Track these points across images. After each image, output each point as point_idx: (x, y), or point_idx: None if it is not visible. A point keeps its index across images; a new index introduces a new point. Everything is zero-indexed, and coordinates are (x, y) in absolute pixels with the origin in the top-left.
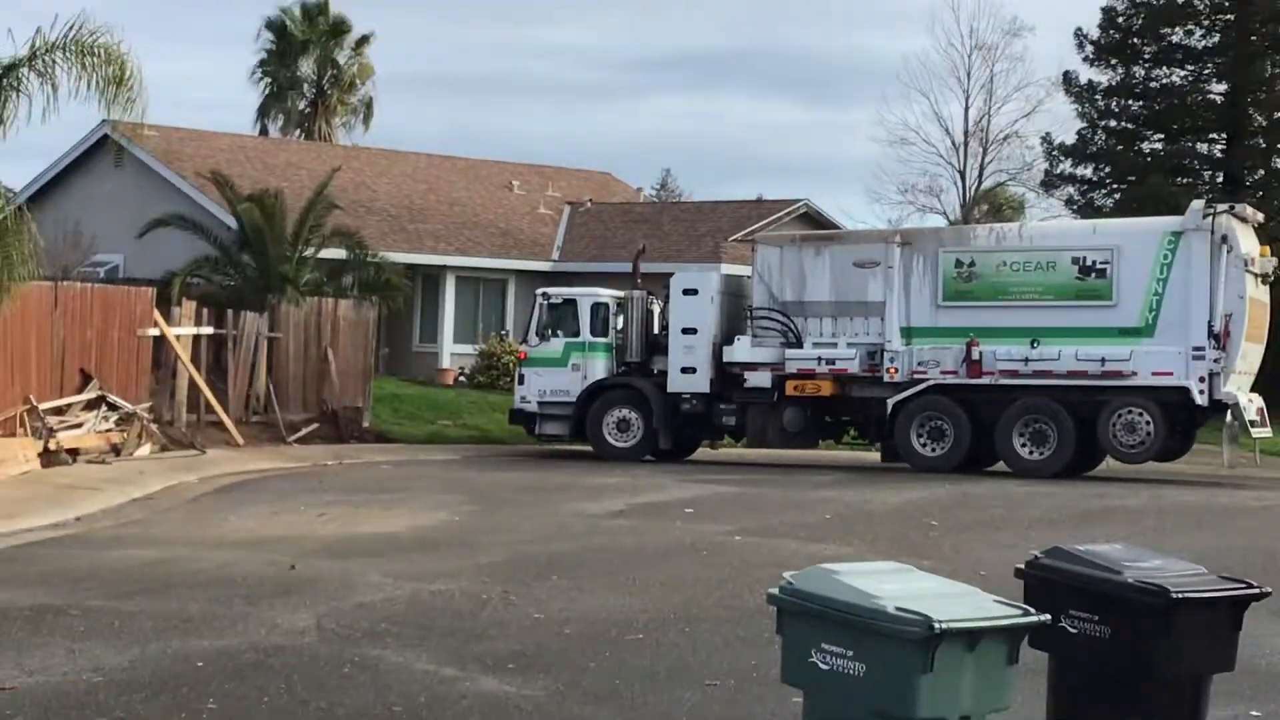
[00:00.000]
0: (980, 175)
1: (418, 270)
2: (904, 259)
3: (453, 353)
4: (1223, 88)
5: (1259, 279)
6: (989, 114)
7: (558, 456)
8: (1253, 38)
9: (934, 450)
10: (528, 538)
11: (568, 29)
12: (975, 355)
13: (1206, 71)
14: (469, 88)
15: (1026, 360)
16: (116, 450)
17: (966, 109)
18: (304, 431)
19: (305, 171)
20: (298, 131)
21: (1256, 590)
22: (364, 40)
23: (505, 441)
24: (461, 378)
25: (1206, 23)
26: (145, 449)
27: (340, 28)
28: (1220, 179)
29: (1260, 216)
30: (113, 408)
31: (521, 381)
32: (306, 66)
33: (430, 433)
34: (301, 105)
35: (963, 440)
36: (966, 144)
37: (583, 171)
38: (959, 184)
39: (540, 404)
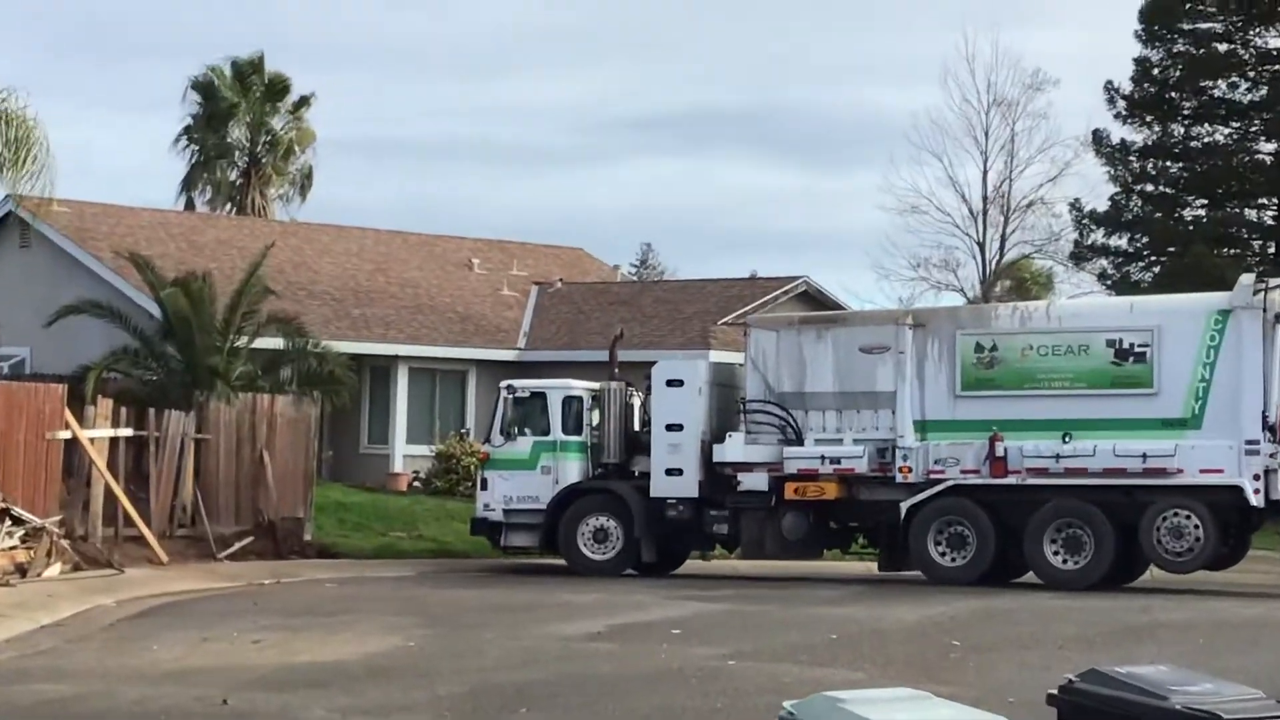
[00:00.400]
0: (1002, 247)
1: (365, 361)
2: (917, 343)
3: (406, 454)
4: (1272, 146)
5: None
6: (1010, 178)
7: (526, 571)
8: None
9: (954, 560)
10: (493, 665)
11: (535, 86)
12: (999, 451)
13: (1254, 129)
14: (423, 154)
15: (1058, 457)
16: (22, 571)
17: (985, 172)
18: (236, 546)
19: (237, 250)
20: (228, 205)
21: None
22: (303, 102)
23: (466, 555)
24: (416, 483)
25: (1252, 74)
26: (55, 568)
27: (276, 87)
28: (1272, 249)
29: None
30: (18, 522)
31: (484, 487)
32: (238, 132)
33: (380, 546)
34: (232, 175)
35: (986, 548)
36: (985, 212)
37: (552, 248)
38: (978, 257)
39: (506, 512)
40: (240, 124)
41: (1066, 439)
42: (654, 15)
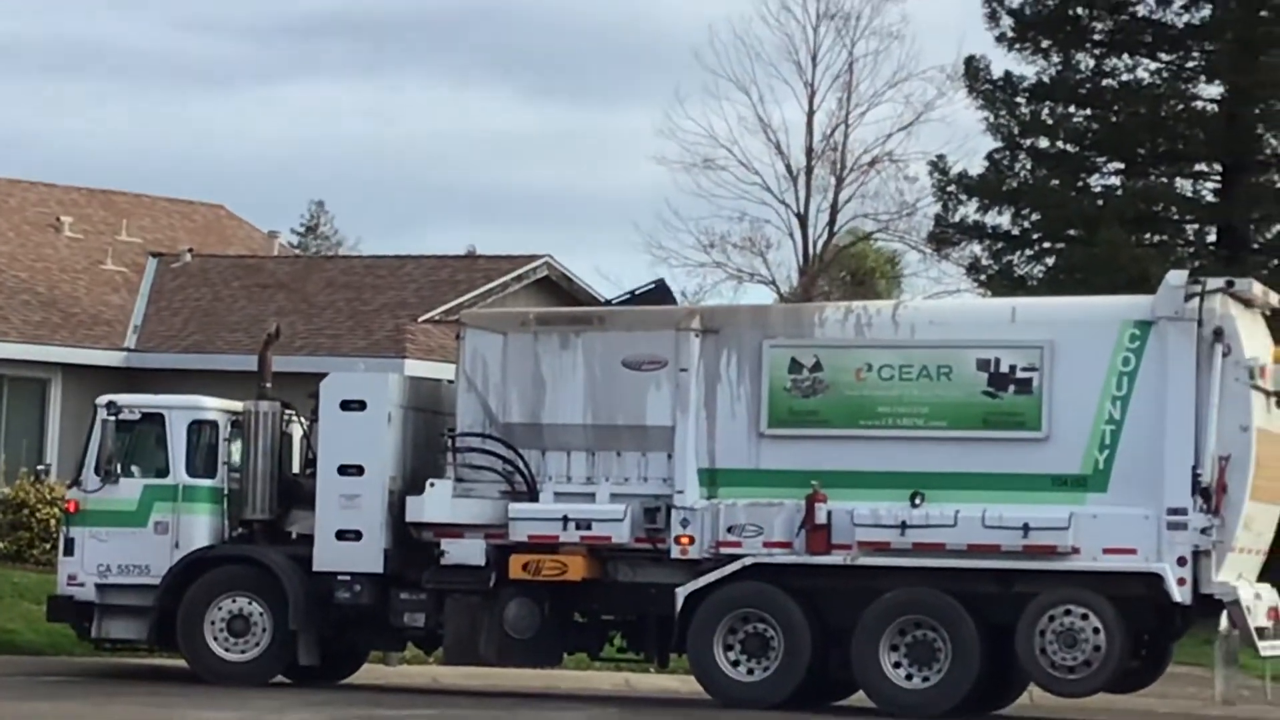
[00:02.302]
0: (832, 222)
1: None
2: (706, 356)
3: None
4: (1217, 91)
5: (1273, 400)
6: (846, 123)
7: (131, 677)
8: (1263, 12)
9: (752, 672)
10: None
11: None
12: (821, 516)
13: (1191, 63)
14: None
15: (904, 526)
16: None
17: (810, 114)
18: None
19: None
20: None
21: None
22: None
23: (41, 651)
24: None
25: None
26: None
27: None
28: (1213, 236)
29: (1275, 298)
30: None
31: (70, 550)
32: None
33: None
34: None
35: (799, 656)
36: (810, 170)
37: (180, 203)
38: (797, 235)
39: (101, 588)
40: None
41: (917, 501)
42: None
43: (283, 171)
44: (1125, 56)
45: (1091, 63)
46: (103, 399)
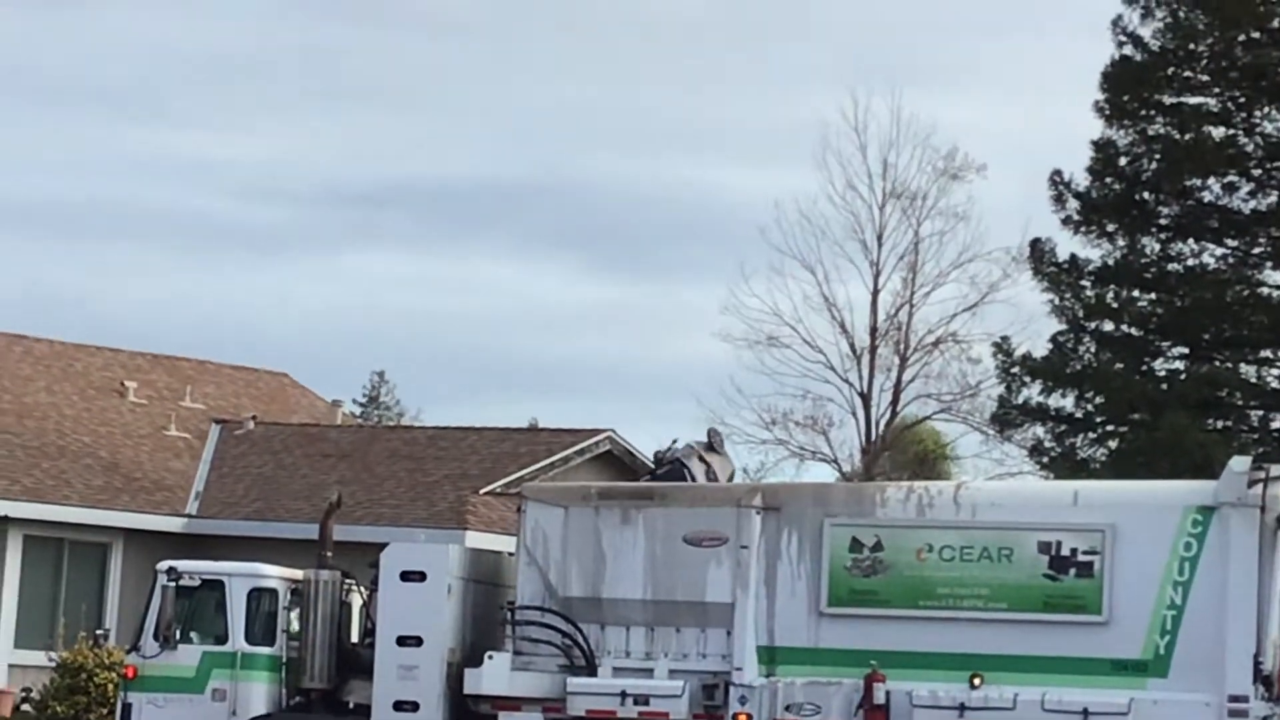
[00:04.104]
0: (895, 402)
1: None
2: (767, 534)
3: (12, 663)
4: None
5: None
6: (911, 303)
7: None
8: None
9: None
10: None
11: (214, 136)
12: (879, 697)
13: (1257, 249)
14: (51, 222)
15: (963, 708)
16: None
17: (875, 293)
18: None
19: None
20: None
21: None
22: None
23: None
24: (26, 704)
25: (1258, 171)
26: None
27: None
28: (1277, 422)
29: None
30: None
31: (127, 716)
32: None
33: None
34: None
35: None
36: (874, 350)
37: (244, 370)
38: (860, 414)
39: None
40: None
41: (976, 683)
42: (377, 46)
43: (345, 341)
44: (1191, 241)
45: (1157, 247)
46: (163, 564)
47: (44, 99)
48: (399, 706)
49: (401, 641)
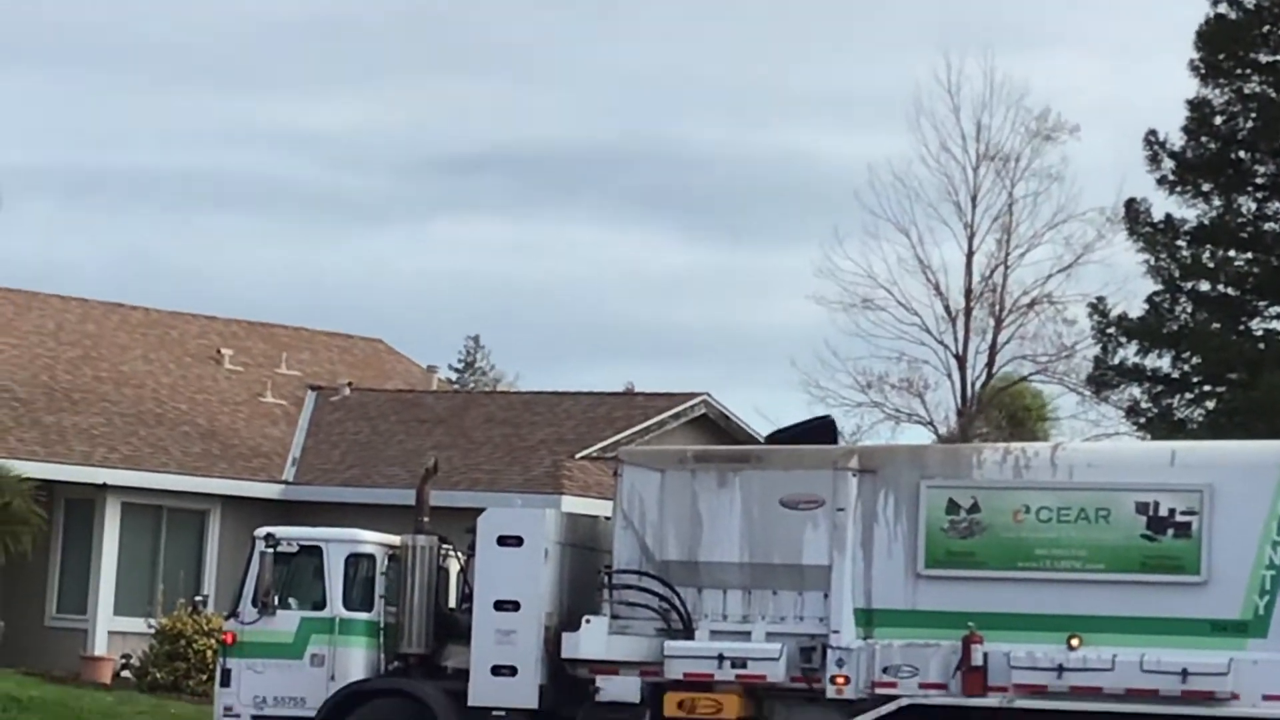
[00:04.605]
0: (990, 363)
1: (59, 491)
2: (864, 496)
3: (112, 630)
4: None
5: None
6: (1006, 265)
7: None
8: None
9: None
10: None
11: (308, 105)
12: (977, 658)
13: None
14: (149, 194)
15: (1061, 669)
16: None
17: (970, 255)
18: None
19: None
20: None
21: None
22: None
23: None
24: (126, 671)
25: None
26: None
27: None
28: None
29: None
30: None
31: (226, 681)
32: None
33: None
34: None
35: None
36: (969, 312)
37: (339, 337)
38: (955, 376)
39: (258, 719)
40: None
41: (1074, 643)
42: (470, 11)
43: (440, 307)
44: None
45: (1253, 206)
46: (261, 531)
47: (139, 70)
48: (497, 671)
49: (499, 606)
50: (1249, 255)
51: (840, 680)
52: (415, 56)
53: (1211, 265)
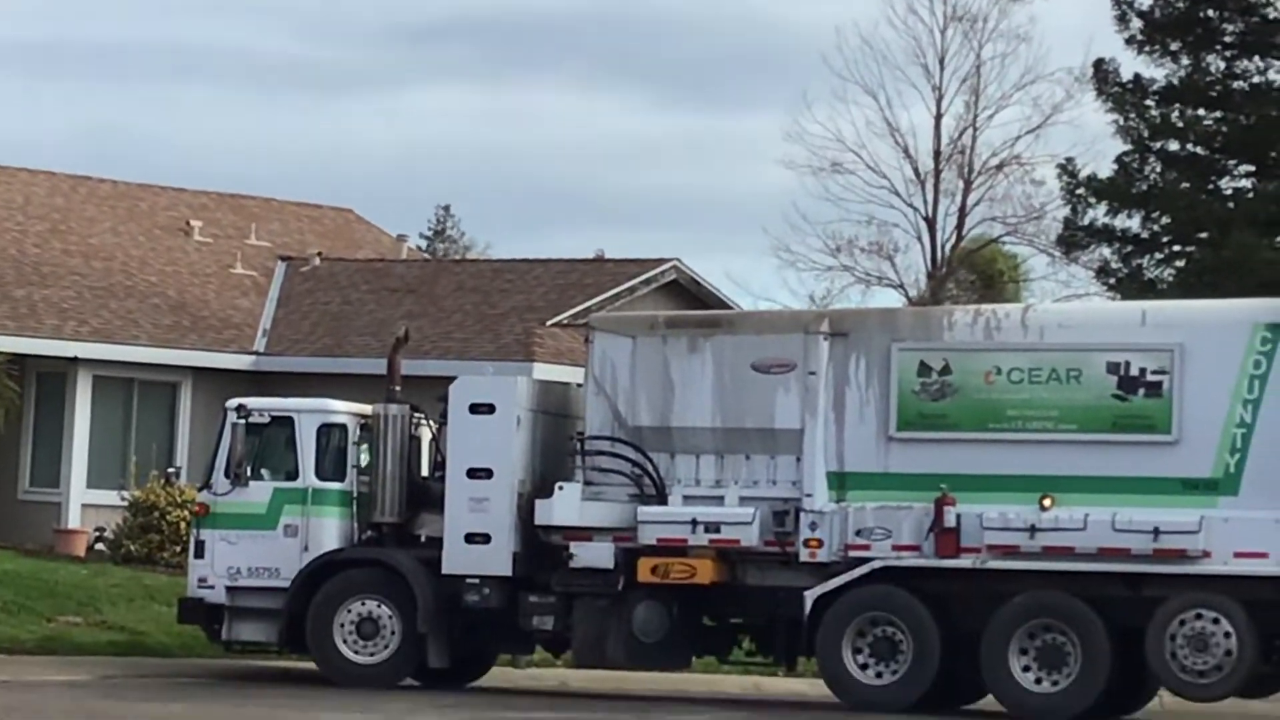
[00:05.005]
0: (960, 225)
1: (29, 364)
2: (835, 360)
3: (86, 503)
4: None
5: None
6: (974, 127)
7: (261, 679)
8: None
9: (881, 676)
10: None
11: None
12: (950, 520)
13: None
14: (116, 65)
15: (1033, 529)
16: None
17: (938, 117)
18: None
19: None
20: None
21: None
22: None
23: (172, 653)
24: (100, 544)
25: None
26: None
27: None
28: None
29: None
30: None
31: (200, 553)
32: None
33: (44, 637)
34: None
35: (927, 660)
36: (938, 174)
37: (309, 207)
38: (925, 239)
39: (231, 590)
40: None
41: (1046, 504)
42: None
43: (410, 176)
44: (1256, 59)
45: (1222, 65)
46: (232, 402)
47: None
48: (470, 539)
49: (471, 474)
50: (1218, 114)
51: (813, 544)
52: None
53: (1180, 125)
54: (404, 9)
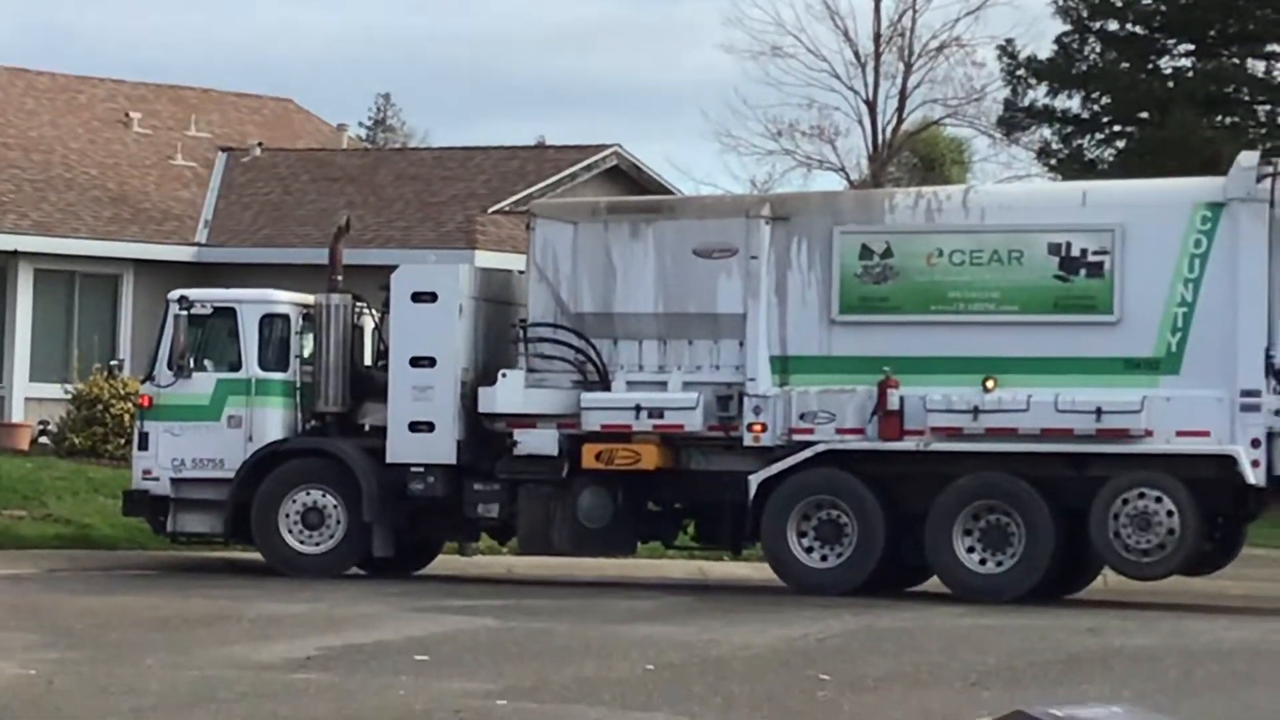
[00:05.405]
0: (901, 108)
1: None
2: (777, 244)
3: (29, 396)
4: None
5: None
6: (914, 8)
7: (206, 570)
8: None
9: (826, 558)
10: (153, 705)
11: None
12: (893, 403)
13: None
14: None
15: (976, 411)
16: None
17: (878, 1)
18: None
19: None
20: None
21: None
22: None
23: (117, 545)
24: (44, 438)
25: None
26: None
27: None
28: None
29: None
30: None
31: (144, 445)
32: None
33: None
34: None
35: (872, 542)
36: (878, 56)
37: (248, 97)
38: (866, 122)
39: (175, 482)
40: None
41: (989, 385)
42: None
43: (348, 65)
44: None
45: None
46: (174, 294)
47: None
48: (414, 427)
49: (415, 363)
50: None
51: (757, 428)
52: None
53: (1119, 4)
54: None
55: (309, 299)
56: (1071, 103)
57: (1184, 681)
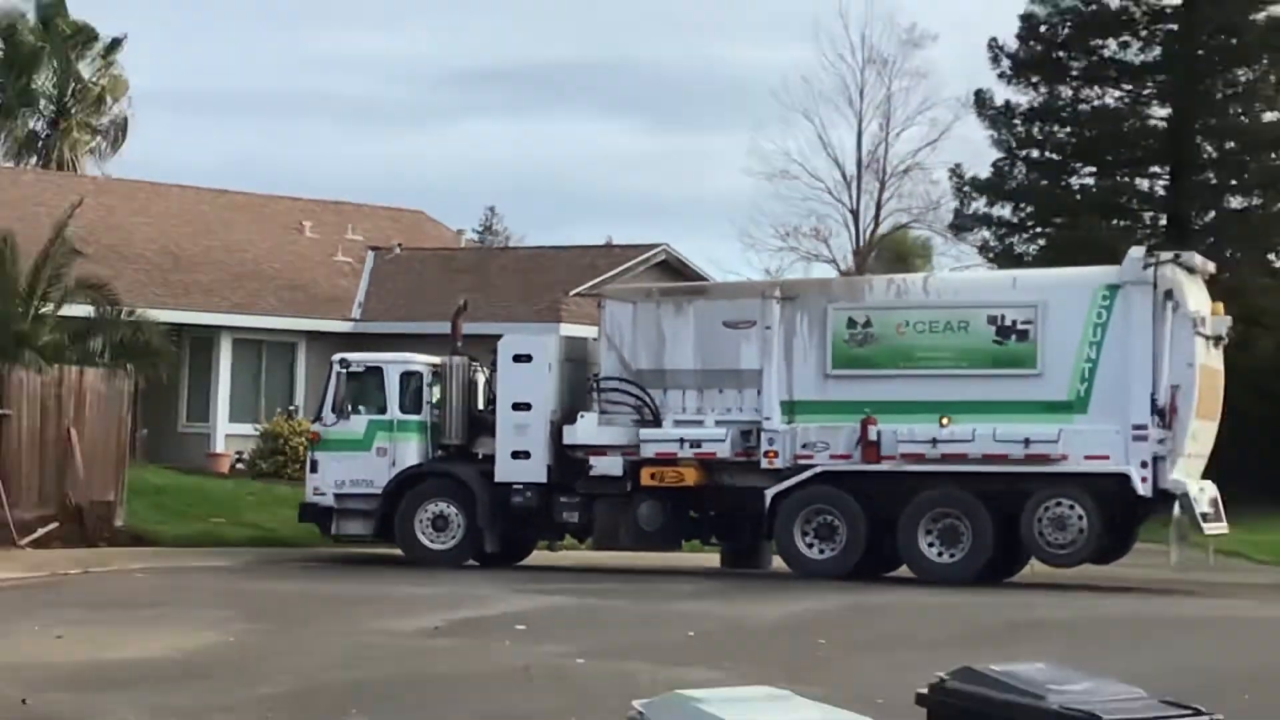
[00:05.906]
0: (877, 216)
1: (186, 331)
2: (785, 317)
3: (229, 434)
4: (1165, 112)
5: (1211, 342)
6: (886, 141)
7: (359, 562)
8: (1200, 52)
9: (822, 552)
10: (320, 663)
11: (366, 37)
12: (872, 435)
13: (1146, 92)
14: (249, 107)
15: (934, 441)
16: None
17: (860, 135)
18: (40, 532)
19: (44, 209)
20: (33, 159)
21: (1205, 716)
22: (115, 45)
23: (294, 544)
24: (239, 464)
25: (1145, 34)
26: None
27: (84, 35)
28: (1164, 221)
29: (1211, 267)
30: None
31: (314, 469)
32: (44, 79)
33: (200, 533)
34: (37, 124)
35: (857, 539)
36: (860, 177)
37: (390, 209)
38: (851, 226)
39: (338, 496)
40: (46, 69)
41: (944, 422)
42: None
43: (465, 186)
44: (1096, 87)
45: (1070, 92)
46: (337, 356)
47: (248, 14)
48: (516, 455)
49: (515, 407)
50: (1068, 129)
51: (771, 455)
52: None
53: (1040, 138)
54: (457, 59)
55: (437, 360)
56: (1005, 210)
57: (1094, 644)
